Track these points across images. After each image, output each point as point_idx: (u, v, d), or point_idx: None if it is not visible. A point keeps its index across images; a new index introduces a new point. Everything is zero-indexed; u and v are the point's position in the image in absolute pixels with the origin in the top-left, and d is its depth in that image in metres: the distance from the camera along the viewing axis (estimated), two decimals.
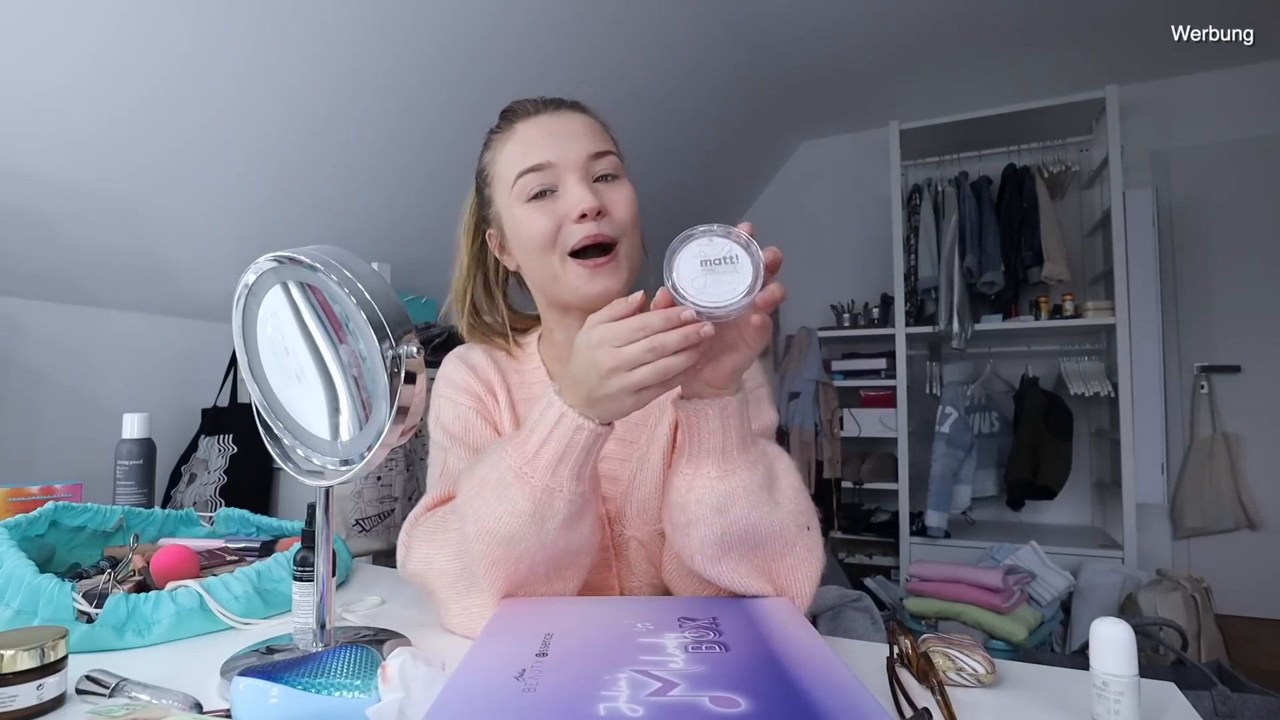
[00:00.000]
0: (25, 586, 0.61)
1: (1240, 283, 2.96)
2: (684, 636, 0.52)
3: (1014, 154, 3.05)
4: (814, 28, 2.61)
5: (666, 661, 0.47)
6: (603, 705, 0.41)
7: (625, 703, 0.41)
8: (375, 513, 1.72)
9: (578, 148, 0.70)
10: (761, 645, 0.50)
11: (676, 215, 3.43)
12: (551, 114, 0.72)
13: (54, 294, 1.61)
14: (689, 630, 0.53)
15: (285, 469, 0.58)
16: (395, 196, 2.14)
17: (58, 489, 1.00)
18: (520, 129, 0.72)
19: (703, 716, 0.39)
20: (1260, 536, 2.86)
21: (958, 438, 2.82)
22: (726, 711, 0.40)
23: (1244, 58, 2.91)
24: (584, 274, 0.68)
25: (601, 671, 0.45)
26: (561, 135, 0.70)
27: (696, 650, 0.49)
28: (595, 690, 0.42)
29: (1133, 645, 0.44)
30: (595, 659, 0.47)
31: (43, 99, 1.33)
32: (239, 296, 0.56)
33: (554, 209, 0.68)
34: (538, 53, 2.09)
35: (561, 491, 0.56)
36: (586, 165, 0.70)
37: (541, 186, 0.69)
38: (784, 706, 0.41)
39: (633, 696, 0.42)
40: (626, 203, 0.70)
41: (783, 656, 0.48)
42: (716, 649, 0.49)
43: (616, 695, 0.42)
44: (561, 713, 0.40)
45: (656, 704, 0.41)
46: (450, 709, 0.40)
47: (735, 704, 0.41)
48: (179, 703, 0.49)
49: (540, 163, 0.69)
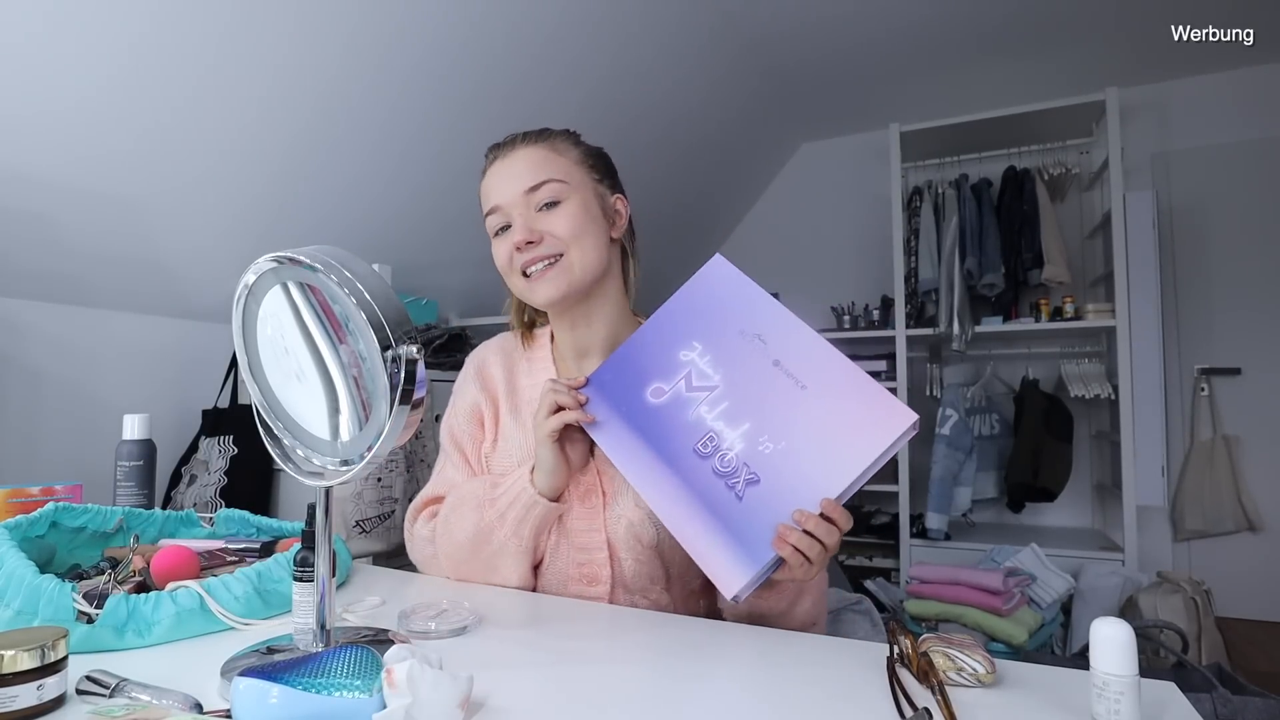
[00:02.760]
0: (25, 587, 0.61)
1: (1241, 285, 2.96)
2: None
3: (1014, 156, 3.06)
4: (814, 29, 2.62)
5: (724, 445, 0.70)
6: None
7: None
8: (375, 514, 1.72)
9: (516, 187, 0.82)
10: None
11: (677, 216, 3.44)
12: (505, 156, 0.85)
13: (54, 295, 1.61)
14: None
15: (285, 469, 0.58)
16: (395, 197, 2.14)
17: (58, 490, 1.00)
18: (489, 172, 0.86)
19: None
20: (1261, 539, 2.86)
21: (958, 440, 2.82)
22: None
23: (1244, 60, 2.91)
24: (526, 285, 0.84)
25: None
26: (505, 177, 0.83)
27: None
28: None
29: (1133, 645, 0.44)
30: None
31: (44, 103, 1.33)
32: (239, 297, 0.56)
33: (508, 241, 0.83)
34: (537, 53, 2.10)
35: (501, 532, 0.80)
36: (526, 200, 0.82)
37: (499, 225, 0.84)
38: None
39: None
40: (564, 222, 0.82)
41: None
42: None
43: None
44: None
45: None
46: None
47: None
48: (179, 703, 0.49)
49: (493, 206, 0.84)
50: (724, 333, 0.75)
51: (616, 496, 0.82)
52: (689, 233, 3.67)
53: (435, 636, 0.65)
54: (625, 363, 0.78)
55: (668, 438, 0.72)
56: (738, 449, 0.69)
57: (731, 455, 0.69)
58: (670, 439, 0.72)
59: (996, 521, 3.19)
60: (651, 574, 0.82)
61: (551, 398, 0.77)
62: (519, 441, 0.88)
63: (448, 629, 0.66)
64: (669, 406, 0.74)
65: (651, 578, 0.82)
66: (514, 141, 0.85)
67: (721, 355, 0.74)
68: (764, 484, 0.67)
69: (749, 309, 0.75)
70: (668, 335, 0.78)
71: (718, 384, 0.73)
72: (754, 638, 0.68)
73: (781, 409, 0.69)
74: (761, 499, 0.66)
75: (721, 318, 0.76)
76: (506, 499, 0.79)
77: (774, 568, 0.66)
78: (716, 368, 0.74)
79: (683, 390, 0.74)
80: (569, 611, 0.76)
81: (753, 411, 0.70)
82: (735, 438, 0.69)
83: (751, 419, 0.70)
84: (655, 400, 0.75)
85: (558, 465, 0.77)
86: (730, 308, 0.76)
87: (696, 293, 0.79)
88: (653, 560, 0.81)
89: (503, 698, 0.52)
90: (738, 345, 0.74)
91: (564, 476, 0.79)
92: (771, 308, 0.75)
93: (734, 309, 0.76)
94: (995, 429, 3.00)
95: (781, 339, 0.72)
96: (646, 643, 0.67)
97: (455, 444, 0.91)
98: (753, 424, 0.69)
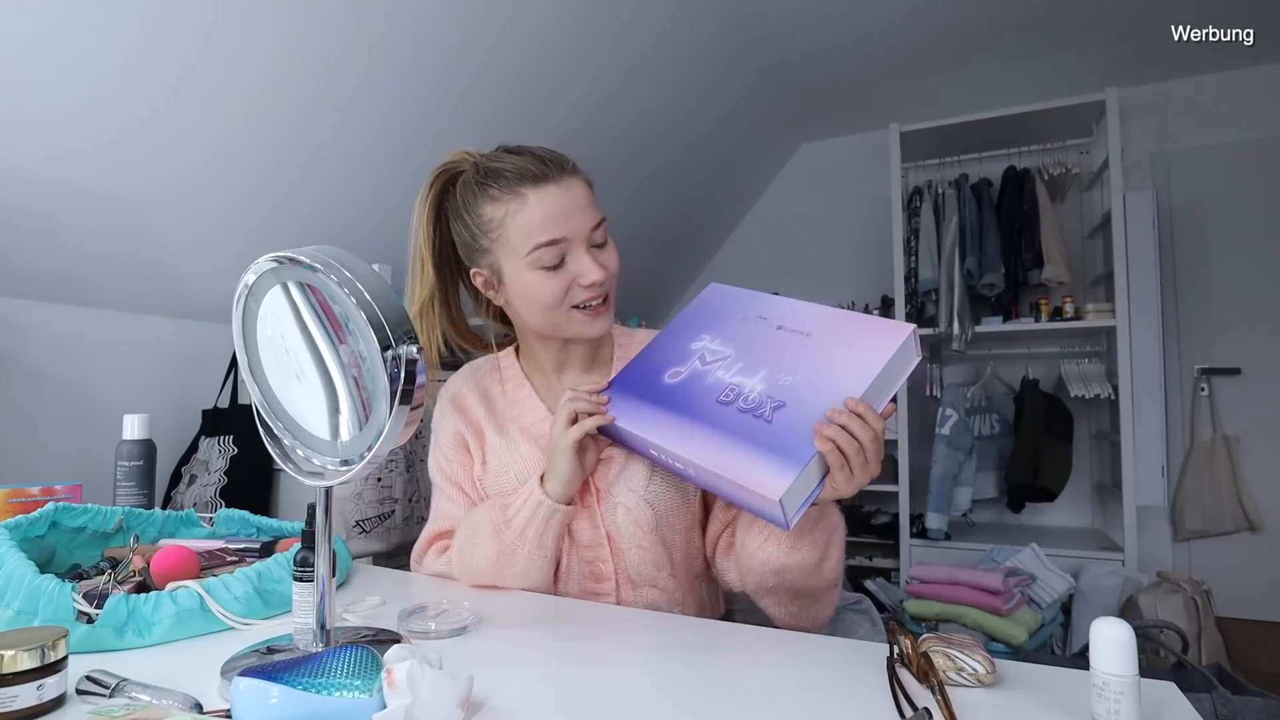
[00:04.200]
0: (25, 587, 0.61)
1: (1241, 285, 2.95)
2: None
3: (1014, 156, 3.06)
4: (814, 29, 2.62)
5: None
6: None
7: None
8: (375, 514, 1.72)
9: (584, 222, 0.81)
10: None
11: (677, 216, 3.44)
12: (557, 184, 0.80)
13: (55, 294, 1.61)
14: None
15: (285, 469, 0.58)
16: (395, 197, 2.14)
17: (58, 490, 1.00)
18: (532, 199, 0.79)
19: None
20: (1261, 539, 2.86)
21: (958, 440, 2.82)
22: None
23: (1244, 60, 2.91)
24: (588, 320, 0.83)
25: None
26: (571, 209, 0.80)
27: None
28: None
29: (1133, 645, 0.44)
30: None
31: (44, 102, 1.33)
32: (239, 297, 0.56)
33: (564, 276, 0.81)
34: (537, 52, 2.10)
35: (523, 549, 0.80)
36: (589, 236, 0.81)
37: (555, 260, 0.80)
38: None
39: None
40: (615, 262, 0.85)
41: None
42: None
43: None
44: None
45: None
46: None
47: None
48: (179, 703, 0.49)
49: (556, 238, 0.79)
50: (727, 322, 0.82)
51: (609, 490, 0.83)
52: (689, 233, 3.67)
53: (435, 636, 0.65)
54: (641, 363, 0.84)
55: (690, 401, 0.75)
56: (759, 389, 0.72)
57: (754, 395, 0.72)
58: (692, 401, 0.75)
59: (996, 521, 3.19)
60: (656, 560, 0.83)
61: (571, 407, 0.78)
62: (513, 459, 0.88)
63: (448, 629, 0.66)
64: (687, 380, 0.78)
65: (656, 564, 0.83)
66: (562, 167, 0.82)
67: (729, 336, 0.80)
68: (790, 405, 0.70)
69: (748, 302, 0.83)
70: (677, 335, 0.84)
71: (730, 354, 0.78)
72: (754, 638, 0.68)
73: (793, 354, 0.74)
74: (790, 415, 0.69)
75: (723, 315, 0.84)
76: (523, 517, 0.79)
77: (818, 486, 0.67)
78: (727, 344, 0.80)
79: (698, 366, 0.79)
80: (569, 611, 0.76)
81: (767, 362, 0.75)
82: (754, 383, 0.73)
83: (767, 366, 0.74)
84: (673, 380, 0.79)
85: (575, 473, 0.79)
86: (729, 308, 0.83)
87: (696, 309, 0.87)
88: (655, 545, 0.82)
89: (503, 698, 0.52)
90: (743, 325, 0.81)
91: (579, 482, 0.81)
92: (766, 297, 0.82)
93: (732, 309, 0.83)
94: (995, 429, 2.99)
95: (780, 312, 0.80)
96: (647, 643, 0.67)
97: (446, 478, 0.92)
98: (769, 369, 0.74)
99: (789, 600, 0.79)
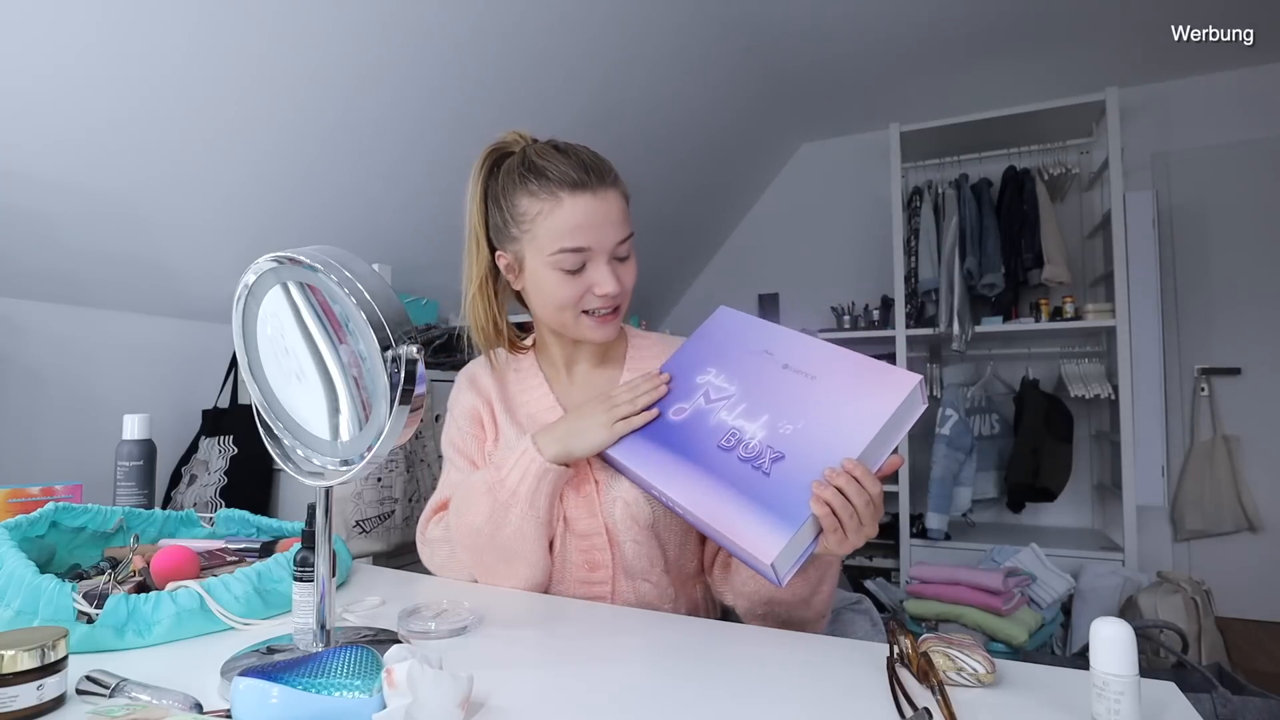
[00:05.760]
0: (25, 587, 0.61)
1: (1241, 285, 2.95)
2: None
3: (1014, 156, 3.06)
4: (814, 29, 2.62)
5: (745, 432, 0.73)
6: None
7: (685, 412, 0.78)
8: (375, 514, 1.72)
9: (611, 236, 0.82)
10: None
11: (678, 216, 3.44)
12: (594, 194, 0.81)
13: (54, 294, 1.61)
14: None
15: (285, 469, 0.58)
16: (395, 197, 2.14)
17: (58, 490, 0.99)
18: (567, 203, 0.80)
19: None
20: (1260, 539, 2.86)
21: (958, 440, 2.82)
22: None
23: (1244, 60, 2.91)
24: (595, 325, 0.85)
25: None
26: (602, 222, 0.81)
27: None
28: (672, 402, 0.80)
29: (1133, 645, 0.44)
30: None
31: (44, 100, 1.33)
32: (239, 297, 0.56)
33: (581, 281, 0.82)
34: (538, 52, 2.10)
35: (516, 508, 0.80)
36: (613, 249, 0.83)
37: (576, 265, 0.81)
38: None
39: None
40: (633, 278, 0.86)
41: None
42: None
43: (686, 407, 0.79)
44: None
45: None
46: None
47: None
48: (179, 703, 0.49)
49: (581, 246, 0.81)
50: (734, 355, 0.82)
51: (610, 482, 0.84)
52: (690, 232, 3.67)
53: (435, 636, 0.65)
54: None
55: (691, 443, 0.75)
56: (760, 436, 0.72)
57: (754, 442, 0.71)
58: (693, 443, 0.75)
59: (996, 521, 3.19)
60: (650, 555, 0.84)
61: (616, 411, 0.79)
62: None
63: (448, 629, 0.66)
64: (690, 420, 0.77)
65: (651, 559, 0.84)
66: (603, 177, 0.83)
67: (735, 371, 0.80)
68: (789, 459, 0.69)
69: (754, 334, 0.83)
70: (683, 368, 0.84)
71: (734, 392, 0.77)
72: (754, 638, 0.68)
73: (797, 398, 0.73)
74: (787, 471, 0.68)
75: (730, 346, 0.83)
76: (516, 475, 0.80)
77: (811, 544, 0.67)
78: (731, 381, 0.79)
79: (702, 404, 0.78)
80: (569, 611, 0.76)
81: (770, 405, 0.74)
82: (756, 429, 0.72)
83: (769, 411, 0.73)
84: (677, 418, 0.78)
85: (577, 451, 0.80)
86: (737, 338, 0.83)
87: (705, 335, 0.86)
88: (650, 541, 0.83)
89: (503, 698, 0.52)
90: (748, 361, 0.80)
91: (573, 460, 0.82)
92: (774, 329, 0.82)
93: (740, 338, 0.83)
94: (995, 429, 3.00)
95: (787, 348, 0.79)
96: (646, 643, 0.67)
97: (458, 450, 0.93)
98: (771, 415, 0.73)
99: (777, 625, 0.80)
